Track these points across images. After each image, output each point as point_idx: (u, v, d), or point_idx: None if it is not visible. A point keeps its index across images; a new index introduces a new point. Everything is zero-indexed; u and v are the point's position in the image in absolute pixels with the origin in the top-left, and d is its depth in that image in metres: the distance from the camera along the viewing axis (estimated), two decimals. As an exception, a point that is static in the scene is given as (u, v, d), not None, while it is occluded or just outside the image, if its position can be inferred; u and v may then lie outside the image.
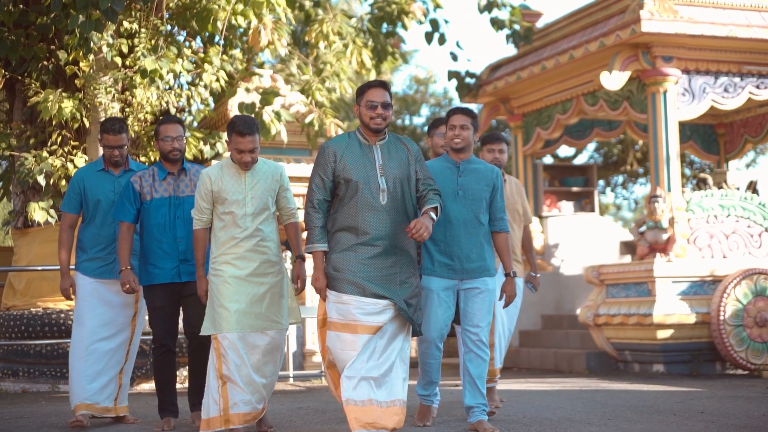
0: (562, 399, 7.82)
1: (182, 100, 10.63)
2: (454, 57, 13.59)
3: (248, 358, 5.63)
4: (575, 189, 14.09)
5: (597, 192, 14.53)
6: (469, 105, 14.12)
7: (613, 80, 10.85)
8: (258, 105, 10.30)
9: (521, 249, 7.57)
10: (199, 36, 11.25)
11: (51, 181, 9.66)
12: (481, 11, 13.07)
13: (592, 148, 20.99)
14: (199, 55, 10.47)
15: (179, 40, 10.77)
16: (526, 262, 7.98)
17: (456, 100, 19.23)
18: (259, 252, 5.74)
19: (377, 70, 12.76)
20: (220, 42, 10.73)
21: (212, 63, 10.28)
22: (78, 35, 9.19)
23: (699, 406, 7.14)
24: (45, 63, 10.03)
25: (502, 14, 13.07)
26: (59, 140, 10.03)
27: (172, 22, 10.80)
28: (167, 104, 10.14)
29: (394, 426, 5.31)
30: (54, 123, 9.85)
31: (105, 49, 9.45)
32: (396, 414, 5.34)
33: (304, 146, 11.32)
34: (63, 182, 9.67)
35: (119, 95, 9.95)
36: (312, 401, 7.92)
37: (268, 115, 10.35)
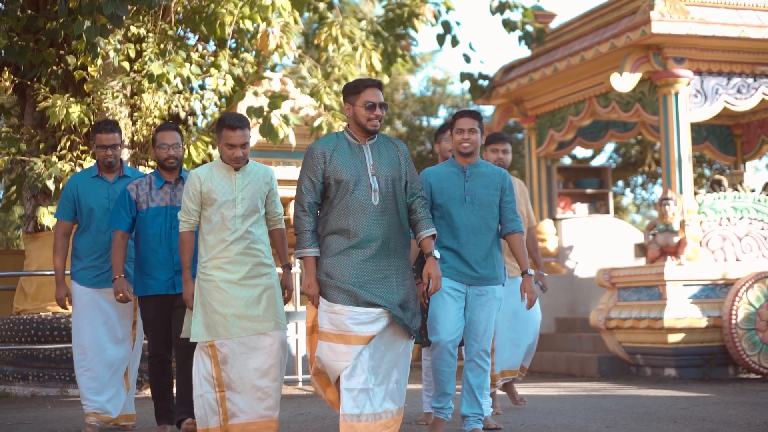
0: (567, 405, 7.76)
1: (192, 104, 10.66)
2: (467, 59, 13.56)
3: (252, 363, 5.50)
4: (590, 191, 14.02)
5: (611, 194, 14.43)
6: (483, 106, 14.08)
7: (624, 82, 10.77)
8: (266, 109, 10.30)
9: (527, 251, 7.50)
10: (211, 40, 11.28)
11: (60, 186, 9.69)
12: (493, 13, 13.03)
13: (611, 149, 20.86)
14: (210, 59, 10.48)
15: (189, 44, 10.80)
16: (533, 263, 7.85)
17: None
18: (251, 255, 5.58)
19: (387, 73, 12.73)
20: (231, 45, 10.76)
21: (220, 67, 10.28)
22: (85, 40, 9.22)
23: (702, 413, 7.06)
24: (54, 68, 10.08)
25: (514, 16, 13.02)
26: (68, 145, 10.08)
27: (182, 26, 10.83)
28: (177, 108, 10.17)
29: None
30: (63, 128, 9.91)
31: (112, 54, 9.48)
32: (387, 427, 5.20)
33: (314, 150, 11.28)
34: (72, 187, 9.70)
35: (128, 100, 9.98)
36: (315, 407, 7.90)
37: (277, 119, 10.34)
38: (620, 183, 22.06)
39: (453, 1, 12.96)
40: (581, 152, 19.48)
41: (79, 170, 9.62)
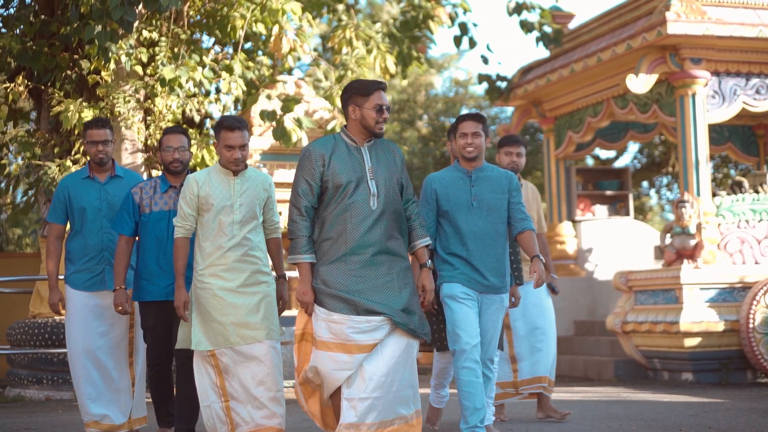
0: (575, 410, 7.67)
1: (207, 108, 10.67)
2: (485, 60, 13.49)
3: (249, 372, 5.39)
4: (609, 193, 13.89)
5: (631, 195, 14.30)
6: (502, 108, 13.99)
7: (640, 83, 10.66)
8: (279, 112, 10.28)
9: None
10: (225, 43, 11.29)
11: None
12: (510, 14, 12.94)
13: (635, 150, 20.70)
14: (224, 62, 10.48)
15: (203, 48, 10.82)
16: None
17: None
18: (248, 262, 5.47)
19: (403, 75, 12.68)
20: (243, 47, 10.76)
21: (233, 71, 10.28)
22: (97, 45, 9.25)
23: (710, 421, 6.96)
24: (68, 72, 10.11)
25: (532, 17, 12.92)
26: (82, 149, 10.11)
27: (196, 30, 10.84)
28: (191, 112, 10.18)
29: None
30: (77, 132, 9.93)
31: (124, 59, 9.50)
32: None
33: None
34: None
35: (140, 104, 10.00)
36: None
37: (290, 122, 10.33)
38: (645, 184, 21.87)
39: (470, 3, 12.88)
40: (605, 153, 19.33)
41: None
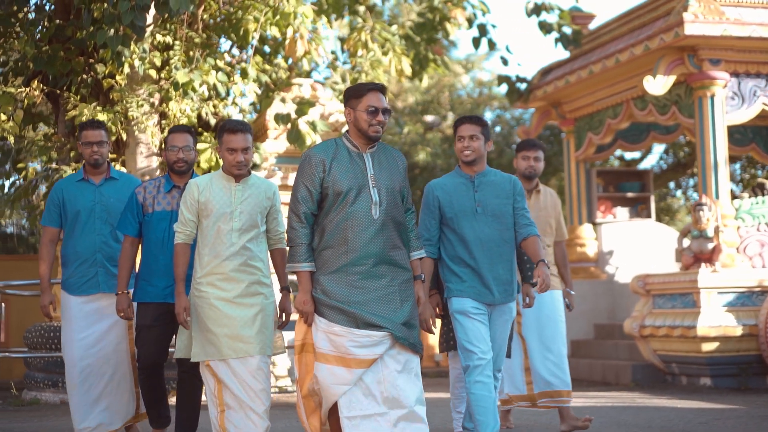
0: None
1: (223, 111, 10.67)
2: (505, 61, 13.42)
3: (242, 385, 5.26)
4: (631, 194, 13.77)
5: (653, 197, 14.16)
6: (522, 109, 13.90)
7: (657, 85, 10.55)
8: (293, 115, 10.26)
9: (555, 266, 7.05)
10: (243, 47, 11.28)
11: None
12: (529, 15, 12.86)
13: (661, 150, 20.51)
14: (242, 65, 10.48)
15: (220, 51, 10.81)
16: (562, 279, 7.20)
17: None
18: (247, 272, 5.32)
19: (419, 78, 12.63)
20: (260, 50, 10.75)
21: (247, 75, 10.27)
22: (110, 49, 9.27)
23: (720, 428, 6.86)
24: (84, 77, 10.14)
25: (551, 18, 12.82)
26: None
27: (212, 33, 10.84)
28: (207, 115, 10.18)
29: None
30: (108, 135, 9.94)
31: (137, 63, 9.51)
32: None
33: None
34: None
35: (155, 107, 10.02)
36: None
37: (305, 125, 10.30)
38: (672, 185, 21.66)
39: (489, 4, 12.80)
40: (630, 154, 19.15)
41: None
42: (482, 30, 12.93)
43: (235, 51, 11.41)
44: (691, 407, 8.34)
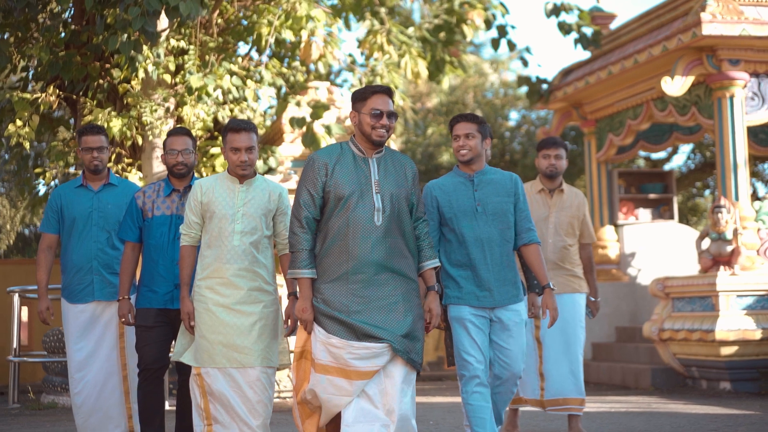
0: (595, 423, 7.52)
1: (240, 116, 10.67)
2: (525, 62, 13.34)
3: (238, 398, 5.13)
4: (653, 196, 13.62)
5: (675, 198, 14.01)
6: (542, 111, 13.81)
7: (675, 86, 10.42)
8: (308, 119, 10.24)
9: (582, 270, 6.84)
10: (260, 51, 11.29)
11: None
12: (548, 15, 12.76)
13: (688, 150, 20.29)
14: (257, 69, 10.49)
15: (237, 55, 10.83)
16: (589, 286, 6.96)
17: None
18: (248, 278, 5.19)
19: (436, 80, 12.57)
20: (276, 54, 10.75)
21: (263, 79, 10.27)
22: (124, 55, 9.31)
23: (729, 435, 6.77)
24: (100, 82, 10.19)
25: (570, 18, 12.72)
26: (113, 157, 10.20)
27: (227, 37, 10.86)
28: (223, 119, 10.19)
29: None
30: (109, 140, 10.00)
31: (151, 68, 9.54)
32: None
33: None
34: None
35: (170, 112, 10.05)
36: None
37: (321, 128, 10.29)
38: (698, 185, 21.43)
39: (509, 5, 12.73)
40: (656, 154, 18.96)
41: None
42: (501, 31, 12.84)
43: (254, 54, 11.43)
44: (706, 413, 8.24)
